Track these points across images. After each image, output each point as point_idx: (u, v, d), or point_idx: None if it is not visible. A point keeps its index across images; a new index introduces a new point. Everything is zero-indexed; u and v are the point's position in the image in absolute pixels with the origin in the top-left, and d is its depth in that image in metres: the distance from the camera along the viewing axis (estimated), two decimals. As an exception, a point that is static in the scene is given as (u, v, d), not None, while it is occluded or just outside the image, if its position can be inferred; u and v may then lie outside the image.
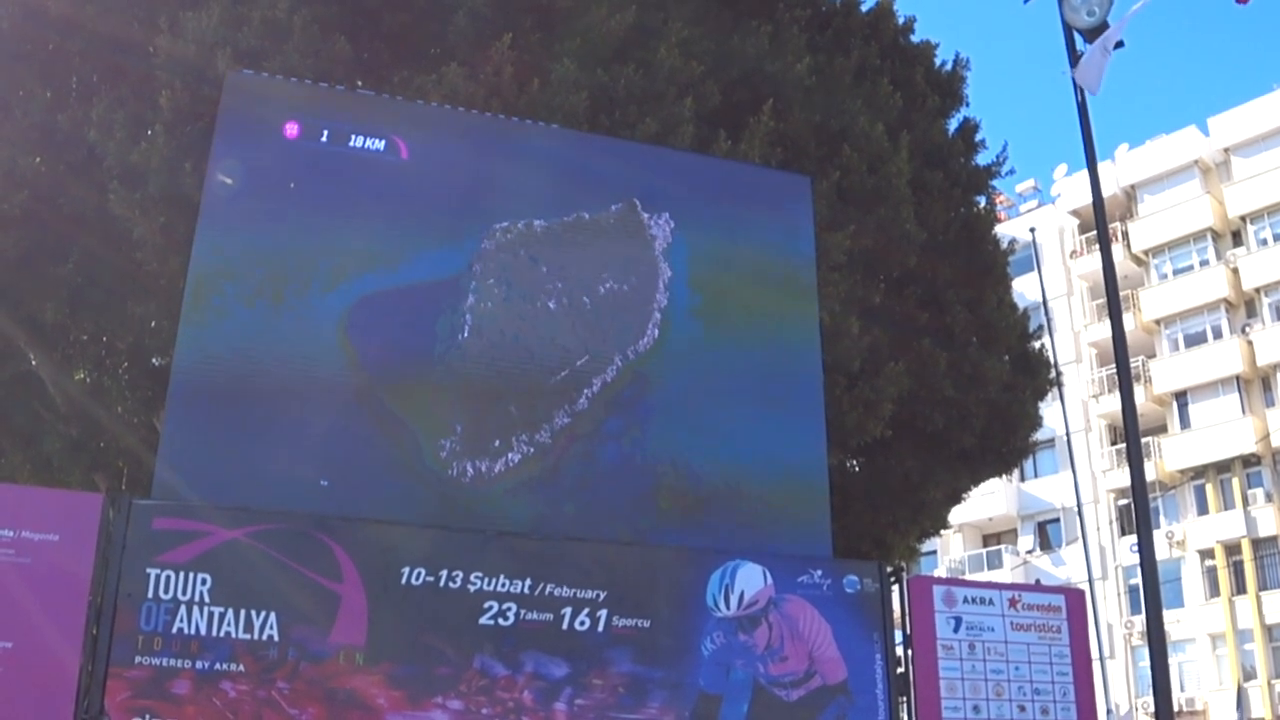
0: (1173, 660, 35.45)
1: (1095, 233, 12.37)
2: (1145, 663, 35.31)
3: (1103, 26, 11.72)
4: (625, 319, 6.93)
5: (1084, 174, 18.82)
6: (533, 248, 7.07)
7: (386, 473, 6.87)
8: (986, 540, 46.40)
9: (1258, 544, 39.75)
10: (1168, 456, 41.71)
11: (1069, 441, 28.20)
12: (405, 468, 6.78)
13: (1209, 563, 40.66)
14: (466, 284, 6.91)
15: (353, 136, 8.21)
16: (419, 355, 6.94)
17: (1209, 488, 41.36)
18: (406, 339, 6.97)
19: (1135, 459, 10.90)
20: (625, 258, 7.32)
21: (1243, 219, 42.95)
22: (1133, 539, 36.18)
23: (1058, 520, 44.30)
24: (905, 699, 8.01)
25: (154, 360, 11.51)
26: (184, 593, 6.66)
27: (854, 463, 13.33)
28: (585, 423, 6.78)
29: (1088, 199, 37.75)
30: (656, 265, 7.10)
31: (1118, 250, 41.80)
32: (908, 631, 8.16)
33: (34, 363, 11.81)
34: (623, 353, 6.86)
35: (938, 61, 14.10)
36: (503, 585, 7.19)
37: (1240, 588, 39.72)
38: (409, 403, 6.85)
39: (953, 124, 14.17)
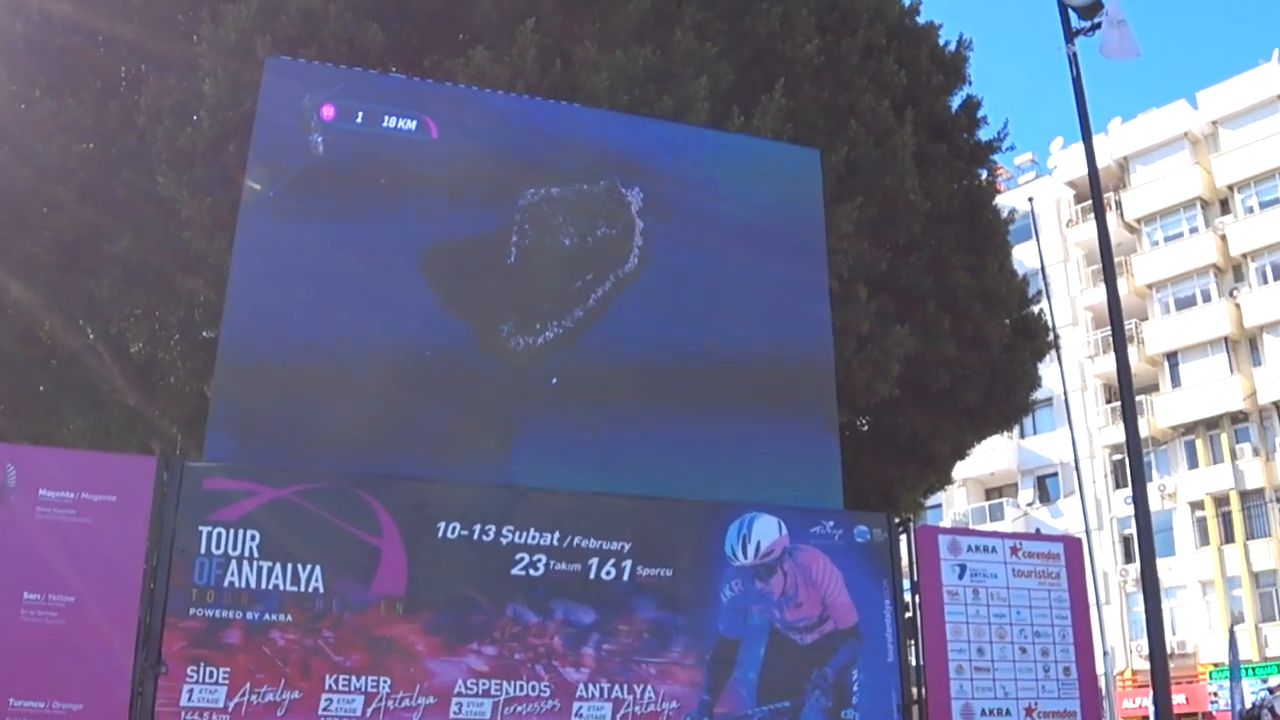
0: (1165, 605, 35.31)
1: (1090, 202, 12.25)
2: (1139, 608, 35.31)
3: (1096, 5, 11.58)
4: (614, 250, 8.56)
5: (1079, 147, 18.65)
6: (552, 205, 8.53)
7: (468, 349, 8.03)
8: (989, 494, 46.35)
9: (1245, 496, 39.63)
10: (1160, 413, 41.53)
11: (1066, 400, 27.99)
12: (480, 344, 8.07)
13: (1199, 514, 40.54)
14: (511, 229, 8.37)
15: (386, 118, 8.22)
16: (481, 274, 8.24)
17: (1199, 443, 41.20)
18: (470, 265, 8.26)
19: (1129, 416, 10.84)
20: (612, 214, 8.65)
21: (1230, 188, 42.56)
22: (1127, 492, 35.98)
23: (1056, 474, 44.19)
24: (913, 642, 7.98)
25: (204, 333, 11.53)
26: (234, 548, 6.66)
27: (863, 421, 13.31)
28: (594, 313, 8.36)
29: (1083, 170, 37.46)
30: (634, 221, 8.62)
31: (1112, 219, 41.47)
32: (915, 578, 8.10)
33: (91, 336, 11.86)
34: (614, 272, 8.50)
35: (942, 41, 13.96)
36: (533, 538, 7.19)
37: (1229, 537, 39.63)
38: (479, 304, 8.16)
39: (956, 101, 14.05)
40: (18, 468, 6.52)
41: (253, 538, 6.71)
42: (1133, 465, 10.59)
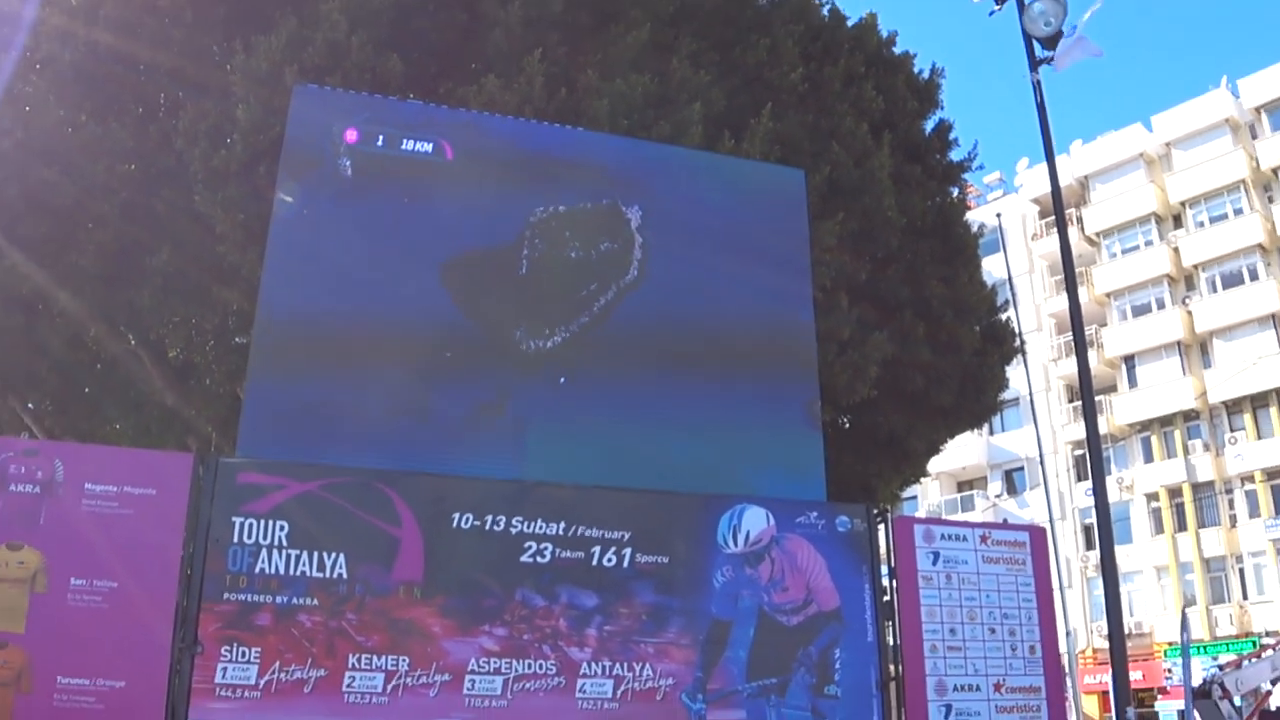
0: (1123, 590, 35.38)
1: (1053, 217, 12.24)
2: (1099, 591, 35.17)
3: (1058, 35, 11.58)
4: (616, 263, 8.61)
5: (1043, 166, 18.69)
6: (559, 222, 8.55)
7: (484, 351, 8.07)
8: (960, 486, 46.30)
9: (1196, 488, 39.58)
10: (1118, 412, 41.50)
11: (1031, 400, 27.96)
12: (494, 347, 8.12)
13: (1154, 504, 40.49)
14: (522, 243, 8.40)
15: (404, 140, 8.23)
16: (496, 285, 8.29)
17: (1154, 439, 41.16)
18: (485, 276, 8.27)
19: (1089, 414, 10.82)
20: (613, 230, 8.69)
21: (1182, 204, 42.52)
22: (1087, 484, 36.03)
23: (1022, 468, 44.14)
24: (891, 623, 7.98)
25: (237, 339, 11.52)
26: (265, 538, 6.67)
27: (845, 419, 13.29)
28: (598, 320, 8.43)
29: (1046, 188, 37.45)
30: (633, 236, 8.66)
31: (1073, 233, 41.55)
32: (892, 565, 8.11)
33: (133, 342, 11.84)
34: (616, 282, 8.54)
35: (916, 70, 13.95)
36: (540, 528, 7.19)
37: (1181, 526, 39.58)
38: (493, 311, 8.20)
39: (929, 124, 14.05)
40: (65, 464, 6.54)
41: (282, 528, 6.72)
42: (1093, 460, 10.57)
